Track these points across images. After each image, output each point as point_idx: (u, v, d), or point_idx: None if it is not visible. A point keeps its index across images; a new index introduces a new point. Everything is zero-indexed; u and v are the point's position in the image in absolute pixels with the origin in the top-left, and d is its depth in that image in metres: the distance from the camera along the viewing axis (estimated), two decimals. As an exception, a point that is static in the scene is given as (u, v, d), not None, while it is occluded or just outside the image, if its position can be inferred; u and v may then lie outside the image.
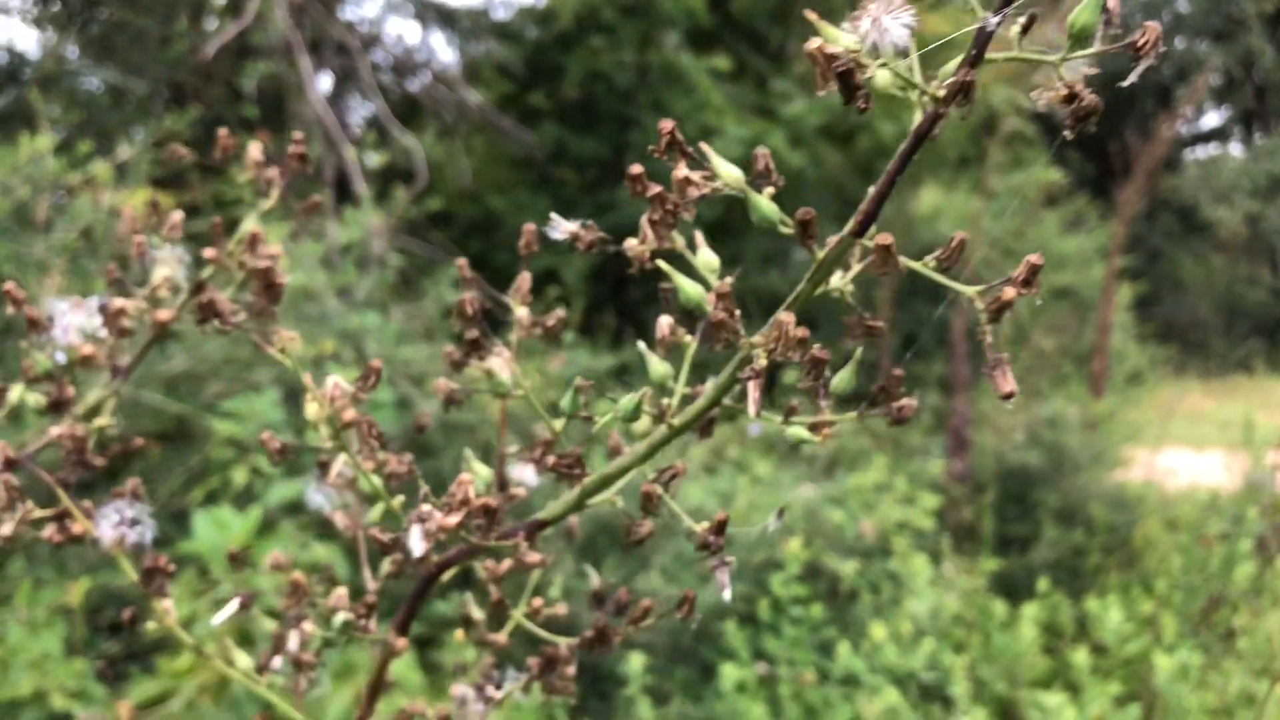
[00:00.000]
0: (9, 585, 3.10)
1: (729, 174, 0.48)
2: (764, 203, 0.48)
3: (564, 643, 0.55)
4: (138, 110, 6.43)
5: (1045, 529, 5.49)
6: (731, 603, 4.03)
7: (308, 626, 0.52)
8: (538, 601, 0.70)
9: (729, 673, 4.04)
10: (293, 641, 0.52)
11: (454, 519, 0.45)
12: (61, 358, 0.60)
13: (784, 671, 4.22)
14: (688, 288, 0.46)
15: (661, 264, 0.48)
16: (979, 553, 5.58)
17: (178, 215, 0.66)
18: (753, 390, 0.43)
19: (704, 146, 0.51)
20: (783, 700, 4.11)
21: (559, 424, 0.52)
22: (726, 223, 7.35)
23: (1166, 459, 6.84)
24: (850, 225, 0.49)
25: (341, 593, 0.53)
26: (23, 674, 2.71)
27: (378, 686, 0.58)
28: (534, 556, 0.50)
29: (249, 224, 0.64)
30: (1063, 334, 7.70)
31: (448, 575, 0.80)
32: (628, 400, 0.46)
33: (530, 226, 0.58)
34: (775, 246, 7.47)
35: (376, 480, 0.56)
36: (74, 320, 0.61)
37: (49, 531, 0.59)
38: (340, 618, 0.52)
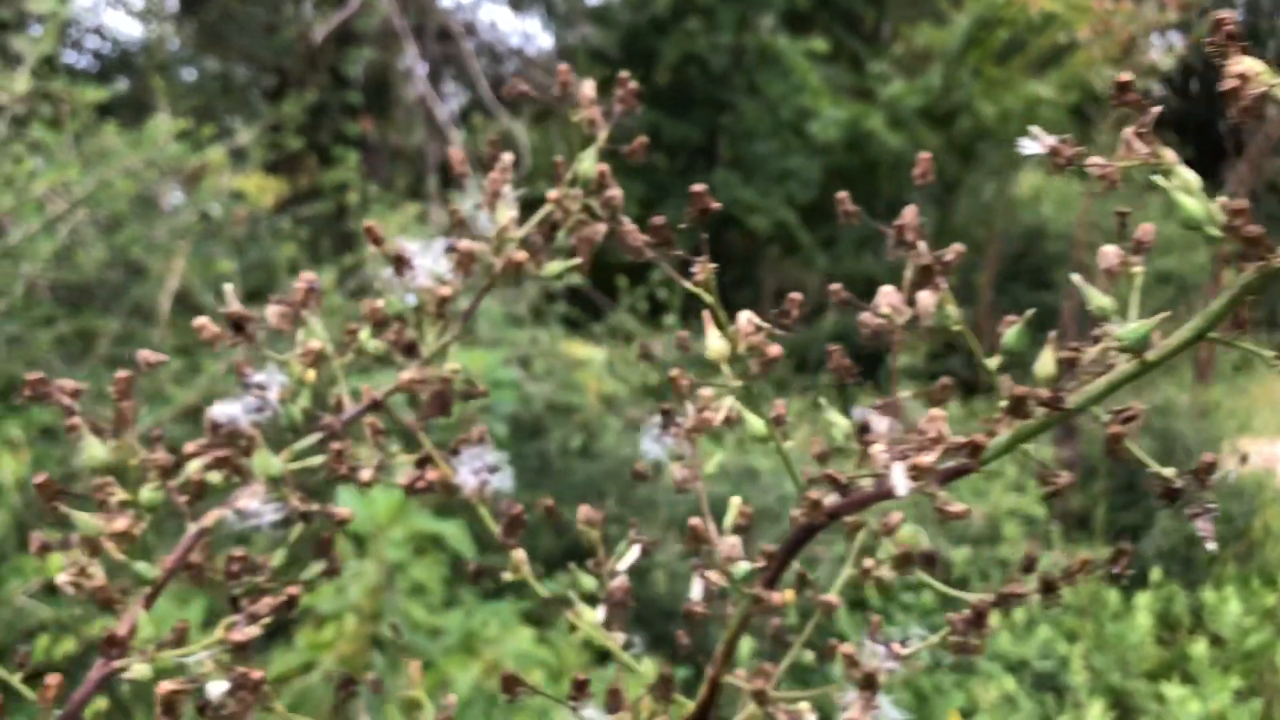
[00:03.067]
0: (144, 557, 3.15)
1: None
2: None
3: (976, 598, 0.53)
4: (239, 98, 6.54)
5: (1157, 517, 5.35)
6: (864, 586, 4.00)
7: (712, 575, 0.50)
8: (870, 562, 0.68)
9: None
10: (696, 590, 0.50)
11: (930, 457, 0.43)
12: (412, 300, 0.59)
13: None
14: (1190, 205, 0.42)
15: (1159, 180, 0.45)
16: (1089, 540, 5.46)
17: (509, 157, 0.64)
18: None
19: None
20: (893, 686, 4.07)
21: (993, 362, 0.49)
22: (821, 205, 7.27)
23: (1280, 448, 6.63)
24: None
25: (735, 541, 0.51)
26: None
27: (734, 643, 0.56)
28: (958, 507, 0.47)
29: (589, 163, 0.62)
30: (1168, 320, 7.49)
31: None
32: (1138, 327, 0.43)
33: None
34: (869, 229, 7.35)
35: (760, 423, 0.53)
36: (422, 263, 0.60)
37: (408, 477, 0.57)
38: (742, 568, 0.50)
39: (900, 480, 0.43)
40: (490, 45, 7.20)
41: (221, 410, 0.56)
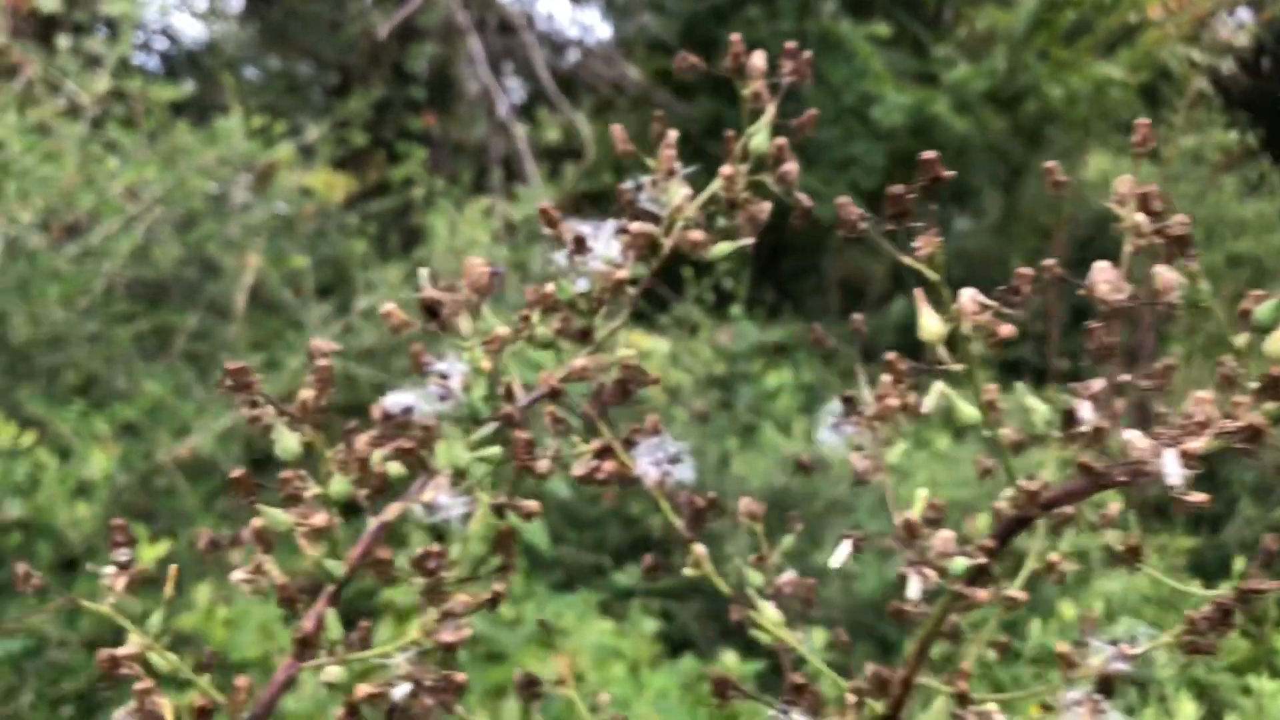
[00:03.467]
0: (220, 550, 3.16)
1: None
2: None
3: (1216, 595, 0.49)
4: (302, 96, 6.59)
5: (1240, 506, 5.21)
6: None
7: (929, 571, 0.47)
8: (1056, 557, 0.65)
9: (912, 649, 3.93)
10: (913, 588, 0.48)
11: (1198, 443, 0.40)
12: (584, 284, 0.56)
13: (970, 649, 4.10)
14: None
15: None
16: (1169, 530, 5.33)
17: (673, 134, 0.61)
18: None
19: None
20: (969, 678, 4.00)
21: (1241, 340, 0.46)
22: (886, 191, 7.16)
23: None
24: None
25: (950, 535, 0.48)
26: (250, 638, 2.78)
27: (930, 642, 0.53)
28: (1199, 496, 0.43)
29: (761, 137, 0.59)
30: (1246, 303, 7.30)
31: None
32: None
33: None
34: (935, 216, 7.23)
35: (972, 409, 0.50)
36: (594, 245, 0.57)
37: (586, 468, 0.55)
38: (960, 564, 0.47)
39: (1173, 467, 0.39)
40: (549, 36, 7.19)
41: (395, 400, 0.54)
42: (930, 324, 0.47)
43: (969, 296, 0.46)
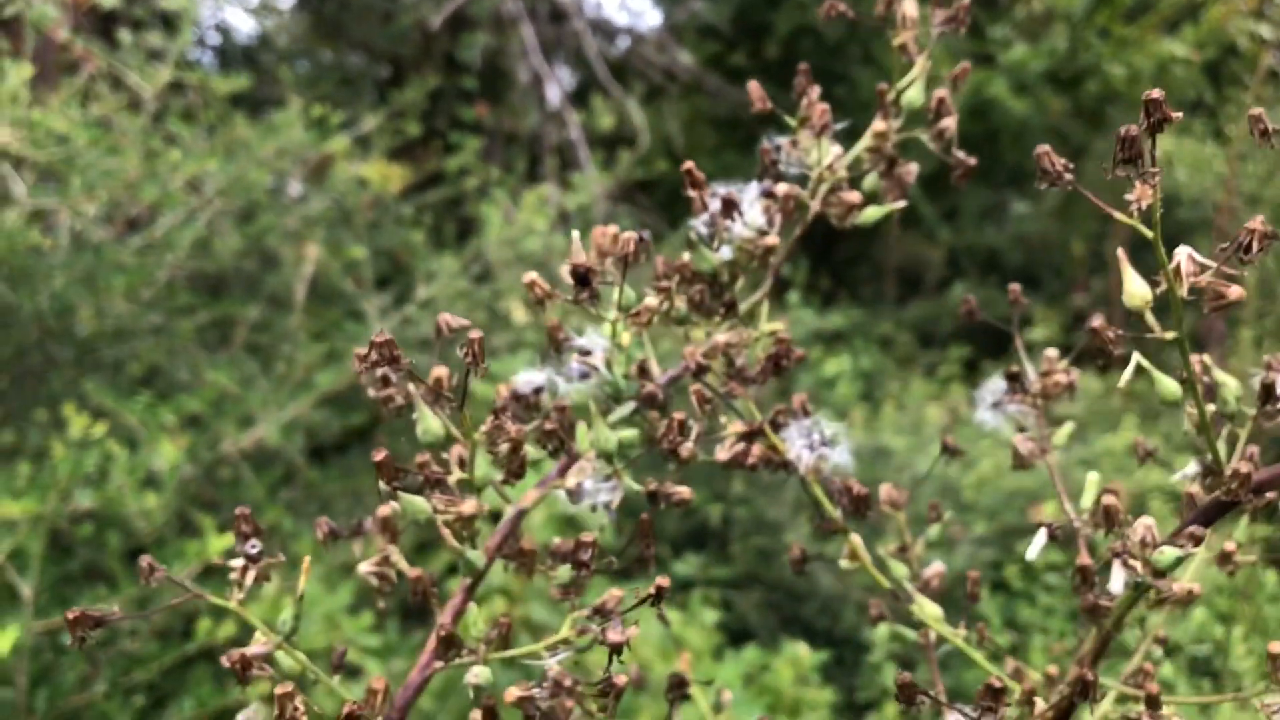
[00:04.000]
0: (285, 541, 3.16)
1: None
2: None
3: None
4: (354, 88, 6.60)
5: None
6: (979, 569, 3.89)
7: (1135, 563, 0.43)
8: (1232, 545, 0.59)
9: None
10: (1116, 581, 0.43)
11: None
12: (727, 253, 0.52)
13: (1037, 640, 4.03)
14: None
15: None
16: (1237, 518, 5.21)
17: (815, 89, 0.57)
18: None
19: None
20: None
21: None
22: (942, 176, 7.05)
23: None
24: None
25: (1151, 524, 0.44)
26: (315, 627, 2.78)
27: (1108, 641, 0.48)
28: None
29: (916, 90, 0.55)
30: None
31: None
32: None
33: None
34: (992, 200, 7.13)
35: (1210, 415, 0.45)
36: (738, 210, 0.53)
37: (732, 450, 0.51)
38: (1170, 555, 0.43)
39: None
40: (599, 24, 7.14)
41: (526, 379, 0.50)
42: (1136, 288, 0.42)
43: (1185, 255, 0.41)
